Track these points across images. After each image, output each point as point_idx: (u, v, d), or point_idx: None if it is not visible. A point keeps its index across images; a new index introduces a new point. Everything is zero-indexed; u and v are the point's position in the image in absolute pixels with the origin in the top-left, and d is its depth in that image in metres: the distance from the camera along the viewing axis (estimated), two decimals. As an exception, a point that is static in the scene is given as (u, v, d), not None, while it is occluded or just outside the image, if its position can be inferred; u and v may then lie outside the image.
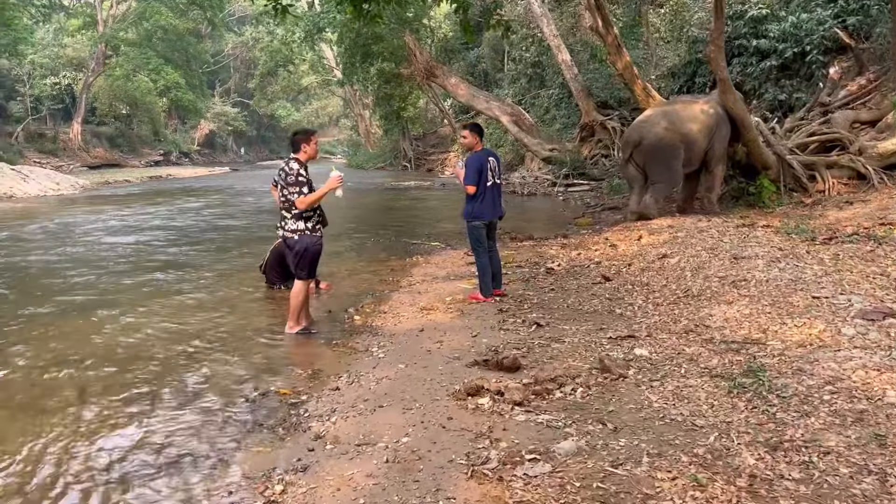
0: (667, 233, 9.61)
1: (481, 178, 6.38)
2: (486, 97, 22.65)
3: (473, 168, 6.40)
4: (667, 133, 11.10)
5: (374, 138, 50.01)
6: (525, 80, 29.69)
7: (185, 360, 5.21)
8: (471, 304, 6.47)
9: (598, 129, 21.48)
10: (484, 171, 6.39)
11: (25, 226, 14.21)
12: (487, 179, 6.42)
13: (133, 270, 9.10)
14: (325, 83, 56.05)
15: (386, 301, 6.86)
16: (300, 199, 5.58)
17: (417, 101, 40.10)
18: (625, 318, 5.66)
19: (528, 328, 5.45)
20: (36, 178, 25.60)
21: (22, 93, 50.41)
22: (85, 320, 6.46)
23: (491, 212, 6.53)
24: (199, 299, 7.35)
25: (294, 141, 5.80)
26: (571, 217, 14.39)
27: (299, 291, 5.78)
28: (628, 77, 13.81)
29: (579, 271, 7.75)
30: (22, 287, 8.12)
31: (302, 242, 5.67)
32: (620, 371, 4.15)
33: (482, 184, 6.39)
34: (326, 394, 4.28)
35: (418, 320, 5.95)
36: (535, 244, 10.34)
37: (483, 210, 6.48)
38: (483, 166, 6.39)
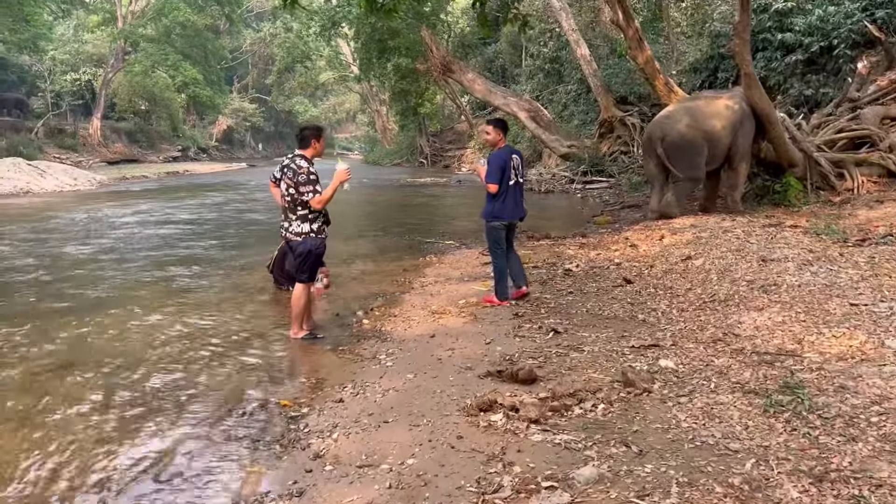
0: (690, 233, 9.26)
1: (504, 177, 6.09)
2: (503, 93, 22.31)
3: (496, 166, 6.11)
4: (689, 129, 10.75)
5: (390, 134, 49.82)
6: (543, 76, 29.32)
7: (183, 365, 4.97)
8: (485, 307, 6.18)
9: (618, 125, 21.10)
10: (507, 169, 6.10)
11: (37, 221, 14.09)
12: (510, 178, 6.13)
13: (142, 267, 8.89)
14: (342, 79, 55.92)
15: (396, 303, 6.59)
16: (316, 198, 5.34)
17: (434, 98, 39.87)
18: (648, 325, 5.34)
19: (544, 335, 5.15)
20: (53, 173, 25.57)
21: (43, 89, 50.82)
22: (89, 319, 6.24)
23: (512, 212, 6.23)
24: (205, 299, 7.12)
25: (304, 136, 5.52)
26: (590, 215, 14.06)
27: (300, 295, 5.52)
28: (649, 71, 13.44)
29: (599, 273, 7.44)
30: (32, 282, 7.93)
31: (305, 245, 5.42)
32: (645, 385, 3.85)
33: (504, 183, 6.10)
34: (329, 406, 4.01)
35: (429, 325, 5.67)
36: (553, 243, 10.03)
37: (504, 210, 6.18)
38: (506, 164, 6.10)
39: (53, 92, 50.51)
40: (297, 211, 5.41)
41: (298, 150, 5.54)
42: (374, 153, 49.88)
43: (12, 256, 9.78)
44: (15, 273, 8.61)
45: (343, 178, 5.54)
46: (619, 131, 21.15)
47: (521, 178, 6.25)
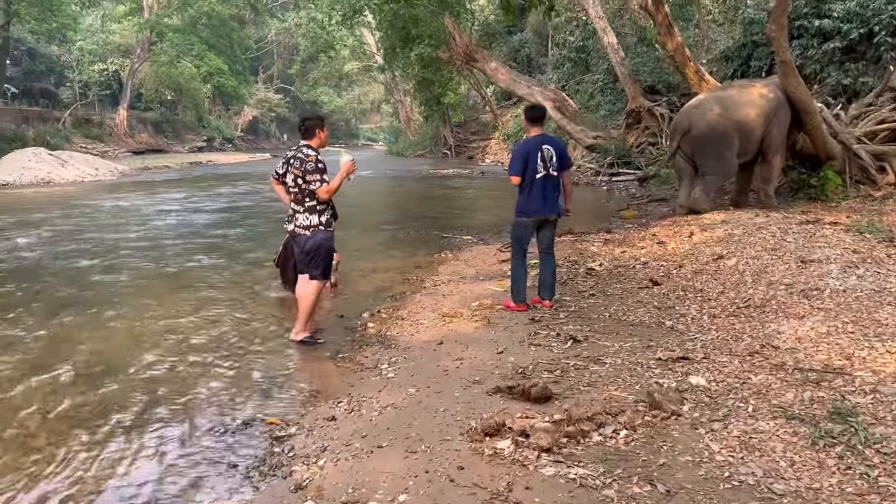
0: (721, 229, 8.75)
1: (527, 168, 5.62)
2: (527, 82, 21.75)
3: (518, 156, 5.68)
4: (720, 120, 10.22)
5: (414, 125, 49.46)
6: (569, 66, 28.75)
7: (167, 372, 4.61)
8: (500, 310, 5.75)
9: (645, 115, 20.50)
10: (531, 160, 5.62)
11: (49, 212, 13.91)
12: (537, 170, 5.62)
13: (148, 259, 8.59)
14: (366, 69, 55.68)
15: (405, 305, 6.18)
16: (324, 188, 5.01)
17: (458, 88, 39.41)
18: (676, 333, 4.88)
19: (562, 343, 4.71)
20: (74, 163, 25.54)
21: (71, 79, 51.23)
22: (80, 318, 5.93)
23: (539, 207, 5.69)
24: (207, 296, 6.78)
25: (308, 126, 5.21)
26: (615, 209, 13.53)
27: (312, 292, 5.17)
28: (679, 59, 12.87)
29: (624, 273, 6.97)
30: (37, 273, 7.66)
31: (315, 239, 5.08)
32: (673, 407, 3.40)
33: (528, 174, 5.63)
34: (320, 425, 3.61)
35: (438, 330, 5.25)
36: (576, 239, 9.56)
37: (529, 204, 5.68)
38: (530, 155, 5.62)
39: (81, 82, 50.94)
40: (305, 203, 5.08)
41: (303, 140, 5.21)
42: (397, 144, 49.60)
43: (15, 248, 9.55)
44: (22, 262, 8.36)
45: (349, 169, 5.22)
46: (646, 122, 20.55)
47: (553, 171, 5.70)
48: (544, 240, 5.95)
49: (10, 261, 8.61)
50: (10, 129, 40.79)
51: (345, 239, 10.02)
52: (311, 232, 5.07)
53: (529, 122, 5.82)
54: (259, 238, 10.43)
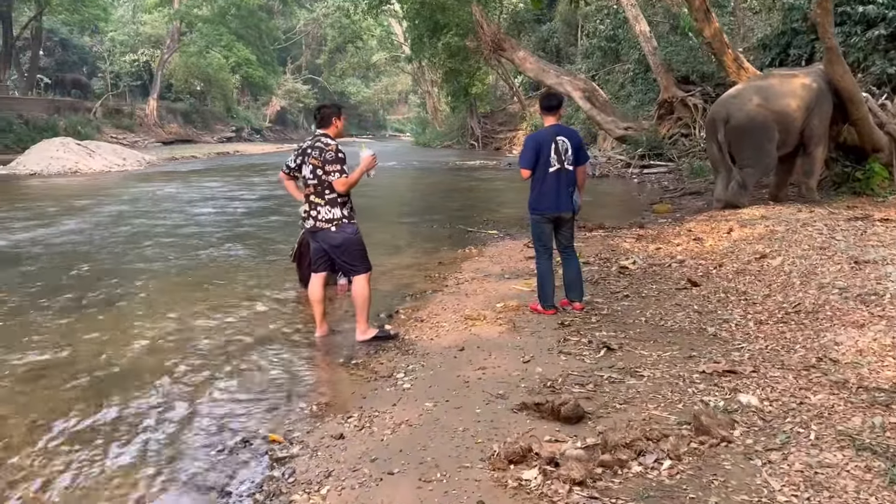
0: (762, 225, 8.28)
1: (539, 162, 5.20)
2: (556, 71, 21.24)
3: (528, 148, 5.26)
4: (759, 110, 9.71)
5: (441, 116, 49.12)
6: (599, 55, 28.18)
7: (168, 377, 4.29)
8: (527, 313, 5.35)
9: (678, 106, 19.90)
10: (543, 152, 5.18)
11: (67, 202, 13.79)
12: (549, 163, 5.19)
13: (163, 254, 8.34)
14: (393, 59, 55.39)
15: (426, 305, 5.81)
16: (342, 179, 4.66)
17: (486, 78, 38.99)
18: (720, 341, 4.46)
19: (595, 352, 4.32)
20: (102, 153, 25.55)
21: (102, 69, 51.71)
22: (95, 315, 5.67)
23: (553, 203, 5.27)
24: (221, 292, 6.49)
25: (324, 115, 4.87)
26: (648, 202, 13.05)
27: (363, 287, 4.88)
28: (717, 46, 12.30)
29: (659, 272, 6.54)
30: (50, 266, 7.45)
31: (342, 234, 4.76)
32: (723, 433, 3.00)
33: (541, 168, 5.21)
34: (326, 444, 3.26)
35: (460, 334, 4.88)
36: (607, 234, 9.13)
37: (541, 201, 5.27)
38: (542, 146, 5.19)
39: (113, 73, 51.42)
40: (326, 195, 4.74)
41: (319, 129, 4.87)
42: (424, 135, 49.31)
43: (22, 241, 9.36)
44: (31, 256, 8.16)
45: (370, 164, 4.88)
46: (679, 113, 19.96)
47: (569, 165, 5.28)
48: (562, 238, 5.53)
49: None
50: (41, 119, 41.20)
51: (365, 232, 9.54)
52: (337, 227, 4.74)
53: (544, 111, 5.38)
54: (284, 228, 10.15)
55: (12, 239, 9.52)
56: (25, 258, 8.19)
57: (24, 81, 46.07)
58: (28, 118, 40.34)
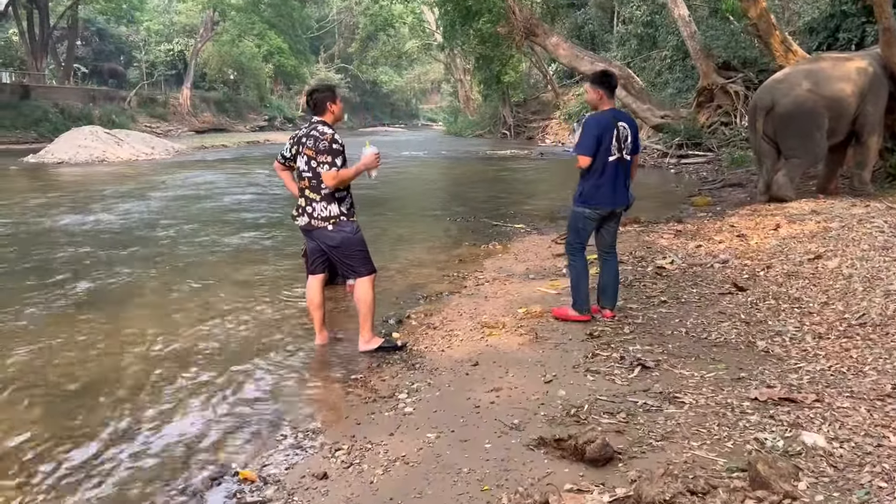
0: (812, 221, 7.60)
1: (600, 149, 4.59)
2: (590, 57, 20.50)
3: (590, 132, 4.59)
4: (809, 96, 9.00)
5: (473, 105, 48.57)
6: (635, 42, 27.36)
7: (143, 394, 3.83)
8: (551, 321, 4.80)
9: (718, 93, 19.09)
10: (605, 138, 4.58)
11: (86, 192, 13.53)
12: (610, 151, 4.59)
13: (169, 251, 7.94)
14: (425, 48, 54.86)
15: (440, 309, 5.27)
16: (331, 172, 4.14)
17: (519, 66, 38.29)
18: (773, 359, 3.86)
19: (627, 371, 3.75)
20: (131, 141, 25.44)
21: (138, 59, 52.16)
22: (81, 317, 5.26)
23: (610, 197, 4.66)
24: (220, 295, 6.03)
25: (317, 100, 4.36)
26: (686, 194, 12.36)
27: (367, 291, 4.35)
28: (763, 27, 11.54)
29: (700, 273, 5.92)
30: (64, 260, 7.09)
31: (343, 234, 4.24)
32: (786, 486, 2.42)
33: (601, 156, 4.60)
34: (305, 485, 2.75)
35: (475, 344, 4.35)
36: (642, 229, 8.50)
37: (598, 194, 4.64)
38: (604, 132, 4.57)
39: (148, 62, 51.83)
40: (322, 189, 4.22)
41: (315, 117, 4.35)
42: (456, 124, 48.83)
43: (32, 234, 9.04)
44: (45, 247, 7.82)
45: (371, 163, 4.36)
46: (719, 100, 19.15)
47: (627, 155, 4.69)
48: (607, 236, 4.94)
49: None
50: (76, 107, 41.63)
51: (383, 225, 9.22)
52: (334, 225, 4.22)
53: (605, 90, 4.71)
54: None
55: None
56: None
57: (62, 71, 46.57)
58: (64, 107, 40.78)
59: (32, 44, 43.50)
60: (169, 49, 52.49)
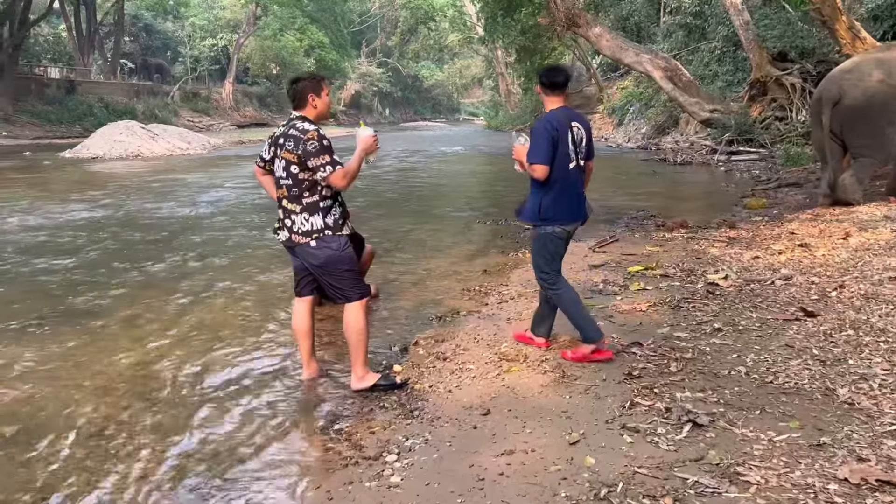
0: (887, 229, 6.75)
1: (556, 156, 3.77)
2: (635, 49, 19.54)
3: (544, 135, 3.75)
4: (880, 87, 8.12)
5: (514, 99, 47.89)
6: (682, 33, 26.28)
7: (70, 438, 3.21)
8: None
9: (772, 85, 18.01)
10: (561, 143, 3.78)
11: (108, 187, 13.15)
12: (569, 158, 3.81)
13: (174, 257, 7.40)
14: (467, 41, 54.27)
15: (454, 334, 4.55)
16: (338, 172, 3.49)
17: (561, 58, 37.36)
18: (860, 415, 3.06)
19: (675, 428, 2.99)
20: (167, 136, 25.27)
21: (183, 54, 52.71)
22: (71, 334, 4.71)
23: (574, 211, 3.91)
24: (212, 314, 5.43)
25: (297, 90, 3.68)
26: (737, 195, 11.44)
27: (357, 318, 3.64)
28: (828, 12, 10.56)
29: (759, 292, 5.11)
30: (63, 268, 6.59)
31: (325, 251, 3.55)
32: None
33: (559, 163, 3.78)
34: None
35: (489, 384, 3.62)
36: (691, 236, 7.68)
37: (559, 207, 3.84)
38: (559, 136, 3.77)
39: (192, 57, 52.30)
40: (304, 198, 3.55)
41: (295, 112, 3.68)
42: (496, 118, 48.15)
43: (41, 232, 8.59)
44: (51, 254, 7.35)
45: (370, 146, 3.69)
46: (773, 93, 18.08)
47: (582, 160, 3.91)
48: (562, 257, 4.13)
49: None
50: (121, 102, 42.11)
51: (406, 228, 8.54)
52: (318, 241, 3.54)
53: (551, 89, 3.88)
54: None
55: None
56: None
57: (108, 66, 47.15)
58: (108, 102, 41.28)
59: (79, 39, 44.11)
60: (213, 44, 52.91)
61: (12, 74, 36.04)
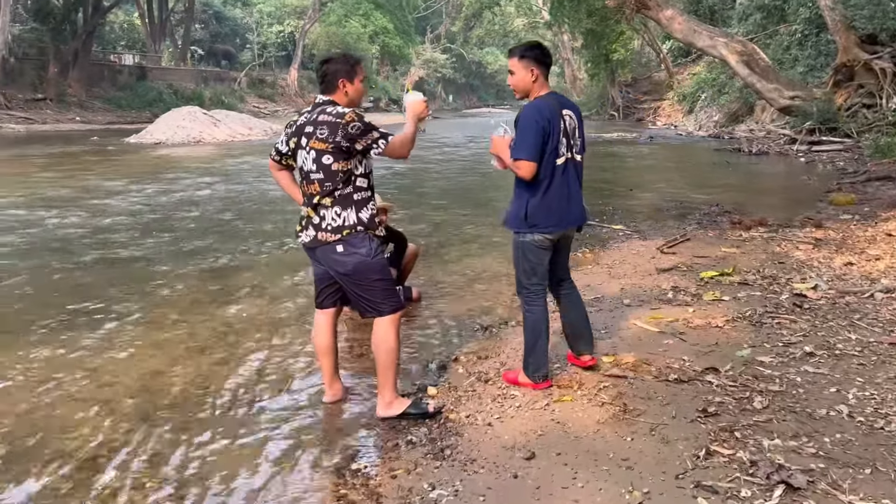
0: None
1: (547, 149, 3.19)
2: (709, 32, 18.55)
3: (535, 128, 3.15)
4: None
5: (580, 85, 46.92)
6: (760, 16, 24.93)
7: (85, 470, 2.83)
8: (645, 381, 3.48)
9: (860, 70, 16.81)
10: (552, 134, 3.20)
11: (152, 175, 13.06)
12: (558, 152, 3.23)
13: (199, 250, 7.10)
14: (532, 26, 53.34)
15: (500, 348, 4.03)
16: (394, 142, 3.03)
17: (630, 43, 36.28)
18: None
19: (763, 492, 2.40)
20: (228, 122, 25.38)
21: (251, 41, 53.49)
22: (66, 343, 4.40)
23: (564, 215, 3.30)
24: (242, 318, 5.05)
25: (328, 72, 3.15)
26: (821, 189, 10.54)
27: (388, 336, 3.13)
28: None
29: (856, 307, 4.42)
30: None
31: (353, 254, 3.04)
32: None
33: (547, 160, 3.20)
34: None
35: (536, 417, 3.08)
36: (770, 235, 6.95)
37: (547, 211, 3.25)
38: (550, 127, 3.18)
39: (259, 44, 52.92)
40: (337, 191, 3.05)
41: (323, 95, 3.17)
42: (562, 105, 47.15)
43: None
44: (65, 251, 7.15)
45: (421, 110, 3.21)
46: (861, 78, 16.87)
47: (578, 154, 3.35)
48: (558, 268, 3.52)
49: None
50: (189, 88, 42.95)
51: (454, 224, 7.95)
52: (345, 244, 3.03)
53: (540, 67, 3.26)
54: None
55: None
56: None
57: (178, 52, 48.20)
58: (177, 88, 42.13)
59: (151, 26, 45.12)
60: (280, 30, 53.47)
61: (87, 61, 37.05)
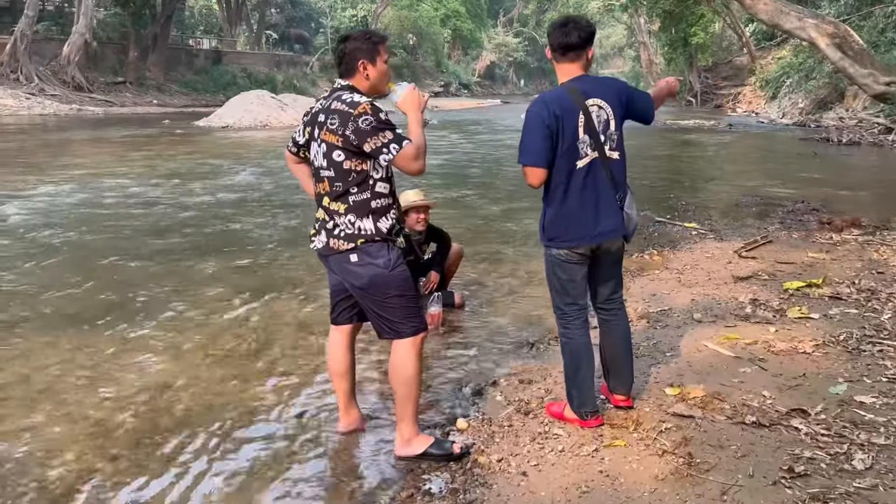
0: None
1: (560, 149, 2.68)
2: (797, 13, 17.33)
3: (537, 127, 2.68)
4: None
5: (656, 70, 45.47)
6: (853, -4, 23.36)
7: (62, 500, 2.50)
8: (716, 425, 2.93)
9: (967, 54, 15.36)
10: (563, 135, 2.67)
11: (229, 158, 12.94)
12: (577, 152, 2.70)
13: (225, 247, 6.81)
14: (608, 8, 51.92)
15: (547, 371, 3.50)
16: (407, 151, 2.53)
17: (710, 26, 34.80)
18: None
19: None
20: (295, 106, 25.39)
21: (324, 25, 54.12)
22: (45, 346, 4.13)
23: (589, 227, 2.76)
24: (260, 329, 4.68)
25: (346, 52, 2.70)
26: (923, 185, 9.56)
27: (407, 363, 2.68)
28: None
29: (977, 333, 3.73)
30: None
31: (367, 268, 2.60)
32: None
33: (561, 162, 2.70)
34: None
35: (580, 466, 2.57)
36: (866, 239, 6.20)
37: (567, 223, 2.76)
38: (560, 125, 2.66)
39: (333, 28, 53.44)
40: (351, 195, 2.61)
41: (340, 79, 2.73)
42: (638, 90, 45.96)
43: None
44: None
45: (420, 101, 2.70)
46: (969, 63, 15.42)
47: (613, 149, 2.76)
48: (603, 284, 2.95)
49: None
50: (262, 72, 43.71)
51: (508, 219, 7.40)
52: (360, 253, 2.60)
53: (561, 53, 2.75)
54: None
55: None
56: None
57: (254, 37, 49.13)
58: (251, 72, 42.90)
59: (228, 11, 45.98)
60: (353, 14, 53.78)
61: (165, 45, 37.95)
